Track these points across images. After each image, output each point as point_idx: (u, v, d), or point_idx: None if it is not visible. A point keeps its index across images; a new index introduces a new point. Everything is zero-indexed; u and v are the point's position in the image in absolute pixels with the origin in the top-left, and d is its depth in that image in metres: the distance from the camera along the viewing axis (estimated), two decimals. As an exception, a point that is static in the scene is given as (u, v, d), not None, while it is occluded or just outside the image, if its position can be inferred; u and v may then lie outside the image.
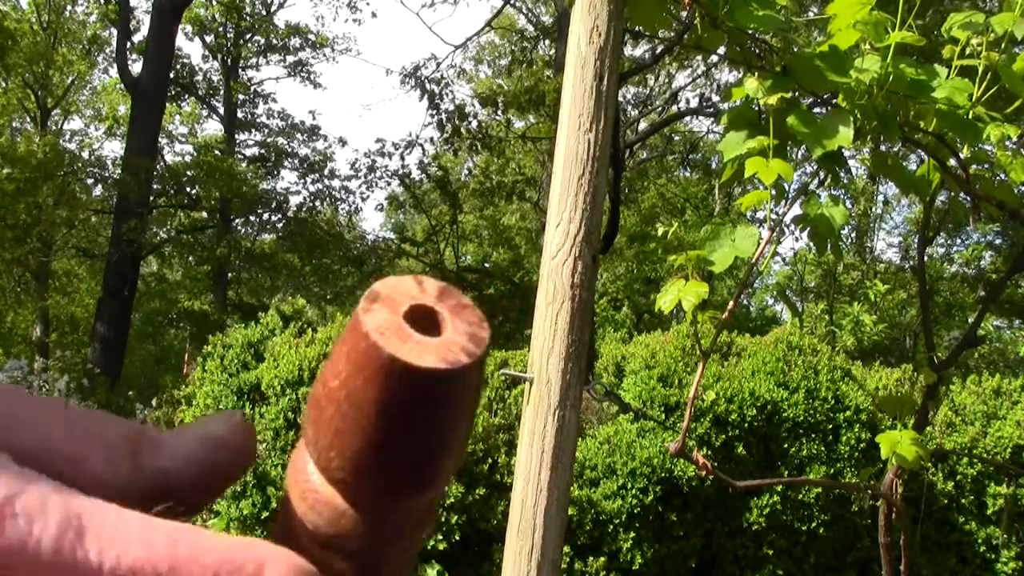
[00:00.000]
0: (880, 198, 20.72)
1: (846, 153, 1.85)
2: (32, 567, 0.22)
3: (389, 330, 0.27)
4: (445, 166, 16.51)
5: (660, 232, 2.13)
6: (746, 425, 6.15)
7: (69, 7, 21.29)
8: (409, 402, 0.27)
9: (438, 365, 0.26)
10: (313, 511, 0.29)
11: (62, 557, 0.22)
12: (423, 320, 0.28)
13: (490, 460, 5.80)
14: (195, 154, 20.31)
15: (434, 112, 13.38)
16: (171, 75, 16.49)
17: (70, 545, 0.23)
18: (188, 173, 16.57)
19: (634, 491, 5.84)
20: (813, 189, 1.90)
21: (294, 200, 18.60)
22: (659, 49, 11.92)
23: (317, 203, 18.44)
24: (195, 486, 0.30)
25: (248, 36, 22.47)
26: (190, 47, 63.14)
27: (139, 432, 0.30)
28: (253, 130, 23.10)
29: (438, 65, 14.10)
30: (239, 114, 22.75)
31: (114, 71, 20.27)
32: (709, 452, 5.96)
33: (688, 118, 20.18)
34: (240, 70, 22.72)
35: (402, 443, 0.28)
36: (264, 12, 22.34)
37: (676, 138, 23.13)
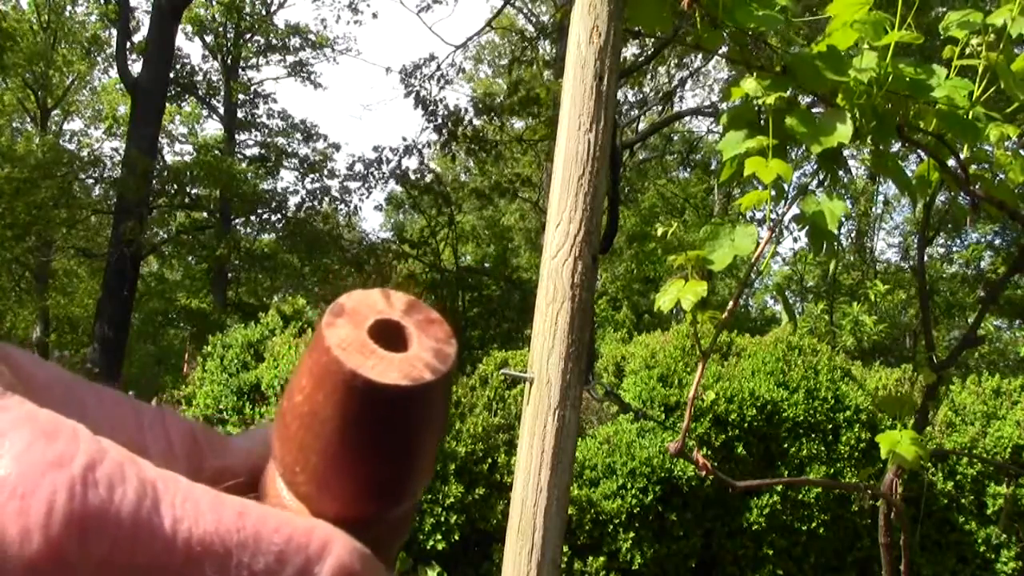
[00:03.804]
0: (880, 198, 20.73)
1: (846, 154, 1.85)
2: (112, 531, 0.23)
3: (352, 345, 0.27)
4: (437, 172, 16.52)
5: (660, 232, 2.13)
6: (746, 425, 6.15)
7: (69, 7, 21.30)
8: (371, 419, 0.27)
9: (400, 382, 0.26)
10: None
11: (139, 523, 0.23)
12: (389, 335, 0.27)
13: (490, 460, 5.80)
14: (195, 154, 20.31)
15: (430, 119, 13.40)
16: (171, 75, 16.49)
17: (147, 513, 0.24)
18: (188, 173, 16.56)
19: (634, 491, 5.84)
20: (812, 189, 1.90)
21: (293, 200, 18.63)
22: (653, 49, 11.92)
23: (316, 203, 18.45)
24: (250, 482, 0.31)
25: (248, 36, 22.48)
26: (190, 47, 63.15)
27: (203, 430, 0.32)
28: (253, 130, 23.12)
29: (438, 66, 14.10)
30: (239, 114, 22.76)
31: (114, 71, 20.27)
32: (709, 452, 5.96)
33: (687, 118, 20.20)
34: (240, 70, 22.73)
35: (365, 460, 0.27)
36: (264, 12, 22.35)
37: (675, 138, 23.13)
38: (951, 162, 1.96)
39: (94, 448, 0.24)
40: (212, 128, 28.69)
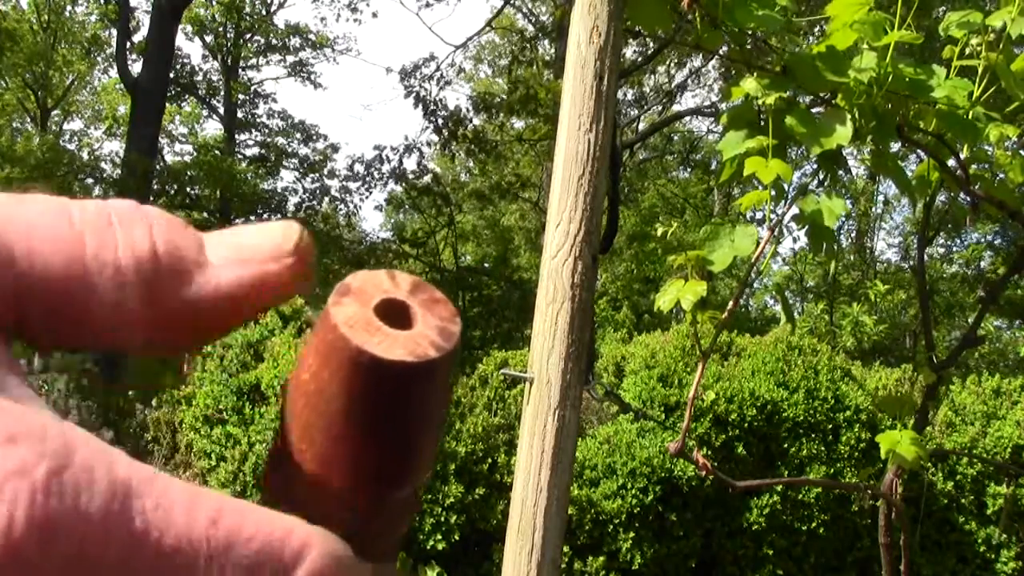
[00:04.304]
0: (880, 198, 20.74)
1: (846, 154, 1.86)
2: (78, 538, 0.22)
3: (358, 323, 0.27)
4: (436, 172, 16.53)
5: (660, 232, 2.14)
6: (746, 425, 6.15)
7: (69, 7, 21.30)
8: (377, 395, 0.27)
9: (406, 358, 0.26)
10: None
11: (108, 529, 0.22)
12: (394, 314, 0.28)
13: (490, 460, 5.80)
14: (195, 154, 20.32)
15: (431, 120, 13.43)
16: (171, 75, 16.49)
17: (115, 519, 0.23)
18: (188, 173, 16.57)
19: (634, 491, 5.84)
20: (812, 189, 1.90)
21: (293, 200, 18.64)
22: (652, 49, 11.92)
23: (316, 203, 18.45)
24: (218, 319, 0.28)
25: (248, 36, 22.48)
26: (190, 47, 63.07)
27: (170, 242, 0.27)
28: (253, 130, 23.12)
29: (438, 67, 14.10)
30: (239, 114, 22.76)
31: (114, 71, 20.28)
32: (709, 452, 5.96)
33: (687, 118, 20.21)
34: (240, 70, 22.73)
35: (369, 437, 0.27)
36: (264, 12, 22.36)
37: (675, 138, 23.14)
38: (951, 162, 1.96)
39: (61, 450, 0.23)
40: (212, 128, 28.71)
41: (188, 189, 16.44)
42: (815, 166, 1.88)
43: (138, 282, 0.26)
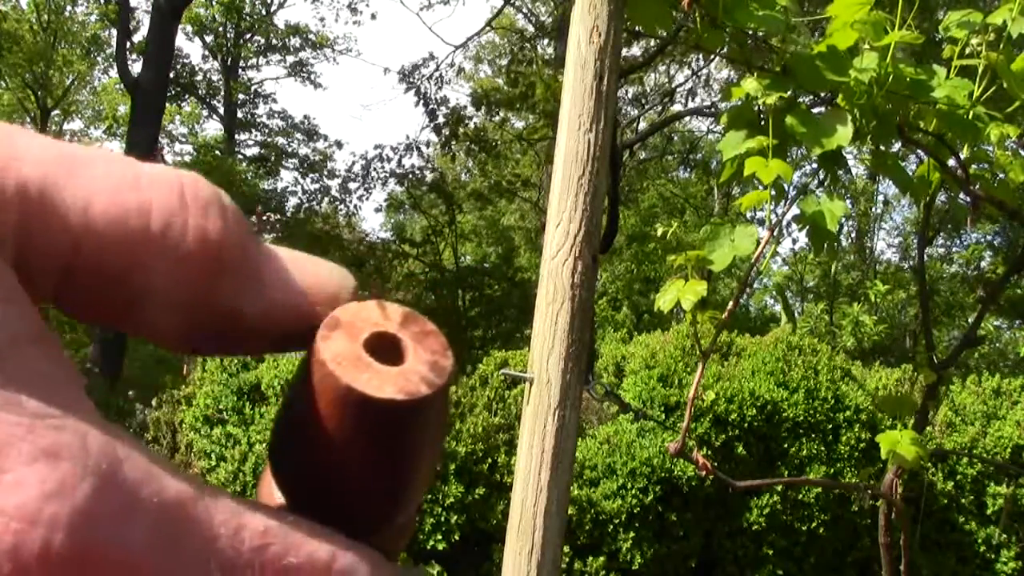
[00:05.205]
0: (880, 198, 20.75)
1: (846, 153, 1.86)
2: (119, 568, 0.20)
3: (347, 359, 0.26)
4: (441, 171, 16.56)
5: (660, 232, 2.14)
6: (746, 425, 6.15)
7: (69, 7, 21.31)
8: (367, 434, 0.26)
9: (396, 396, 0.26)
10: None
11: (155, 562, 0.20)
12: (385, 348, 0.27)
13: (490, 460, 5.80)
14: (195, 154, 20.33)
15: (431, 118, 13.45)
16: (171, 75, 16.50)
17: (161, 550, 0.20)
18: (188, 173, 16.57)
19: (634, 491, 5.84)
20: (813, 189, 1.90)
21: (293, 200, 18.68)
22: (653, 48, 11.93)
23: (315, 203, 18.48)
24: (249, 339, 0.26)
25: (248, 36, 22.50)
26: (190, 47, 63.00)
27: (235, 253, 0.24)
28: (253, 130, 23.14)
29: (438, 66, 14.11)
30: (239, 114, 22.78)
31: (114, 71, 20.29)
32: (709, 452, 5.96)
33: (687, 118, 20.21)
34: (240, 70, 22.75)
35: (360, 474, 0.27)
36: (264, 12, 22.37)
37: (675, 138, 23.13)
38: (951, 162, 1.96)
39: (104, 466, 0.20)
40: (212, 128, 28.73)
41: (188, 189, 16.43)
42: (815, 166, 1.88)
43: (197, 277, 0.23)
